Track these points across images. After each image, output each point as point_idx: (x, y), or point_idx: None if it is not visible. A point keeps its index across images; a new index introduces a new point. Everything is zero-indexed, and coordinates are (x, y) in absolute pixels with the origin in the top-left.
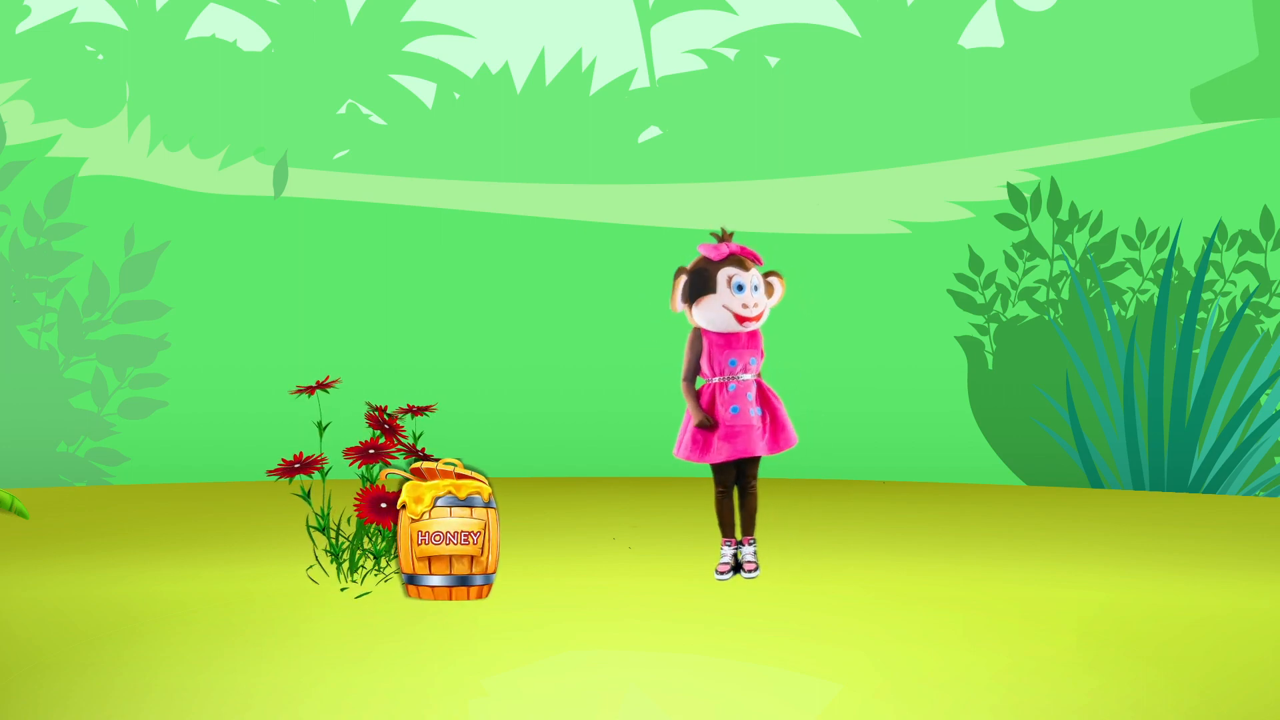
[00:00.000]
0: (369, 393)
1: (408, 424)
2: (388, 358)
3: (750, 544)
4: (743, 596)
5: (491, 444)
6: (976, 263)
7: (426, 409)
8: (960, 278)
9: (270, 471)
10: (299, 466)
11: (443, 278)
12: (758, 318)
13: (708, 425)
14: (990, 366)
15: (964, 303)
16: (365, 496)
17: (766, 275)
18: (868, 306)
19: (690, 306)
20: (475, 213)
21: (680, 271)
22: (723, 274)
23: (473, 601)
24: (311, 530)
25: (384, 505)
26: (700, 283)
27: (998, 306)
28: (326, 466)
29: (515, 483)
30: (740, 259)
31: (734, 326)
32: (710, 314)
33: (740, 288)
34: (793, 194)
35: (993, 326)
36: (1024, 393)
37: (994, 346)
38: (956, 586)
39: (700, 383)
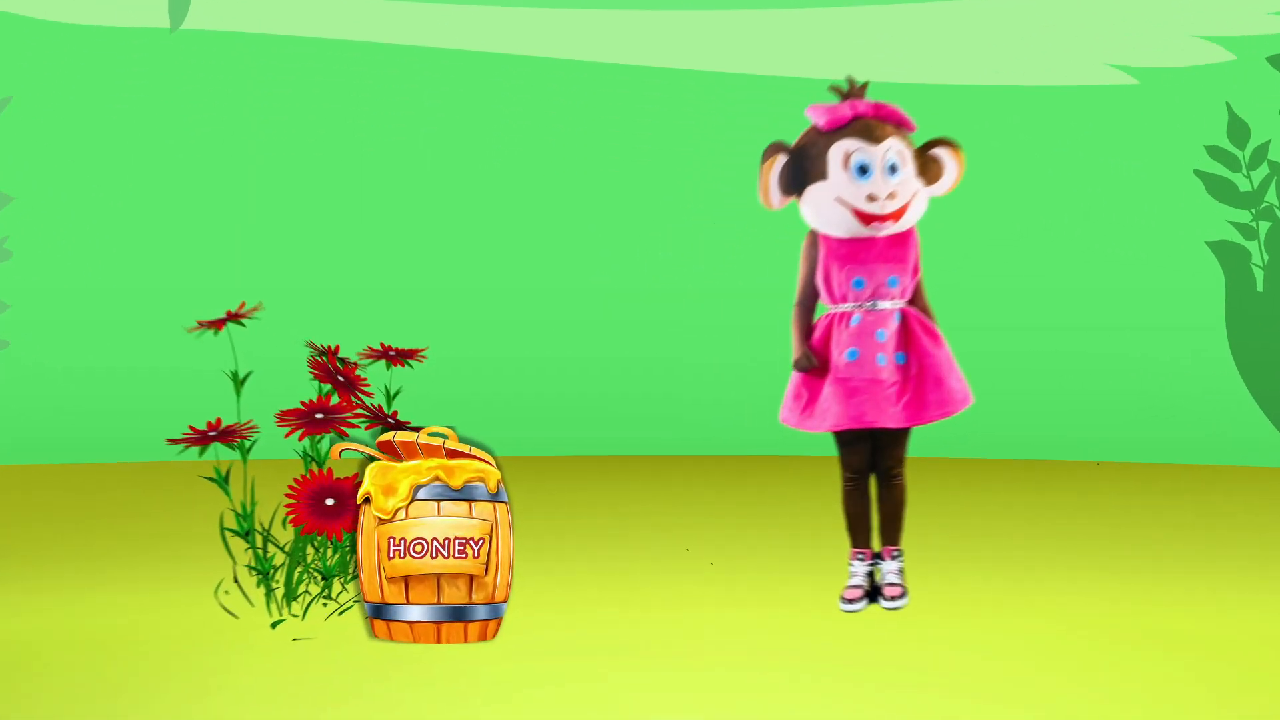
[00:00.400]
0: (311, 328)
1: (377, 376)
2: (339, 278)
3: (894, 558)
4: (882, 636)
5: (499, 407)
6: (1239, 129)
7: (411, 355)
8: (1214, 152)
9: (172, 440)
10: (215, 435)
11: (422, 152)
12: (897, 214)
13: (806, 365)
14: (1260, 287)
15: (1219, 190)
16: (304, 489)
17: (926, 148)
18: (1074, 196)
19: (800, 199)
20: (468, 53)
21: (773, 149)
22: (837, 150)
23: (472, 644)
24: (229, 535)
25: (332, 502)
26: (805, 164)
27: (1271, 196)
28: (253, 438)
29: (535, 464)
30: (869, 125)
31: (859, 229)
32: (821, 211)
33: (863, 169)
34: (961, 26)
35: (1263, 226)
36: None
37: (1265, 257)
38: (1201, 620)
39: (821, 311)
